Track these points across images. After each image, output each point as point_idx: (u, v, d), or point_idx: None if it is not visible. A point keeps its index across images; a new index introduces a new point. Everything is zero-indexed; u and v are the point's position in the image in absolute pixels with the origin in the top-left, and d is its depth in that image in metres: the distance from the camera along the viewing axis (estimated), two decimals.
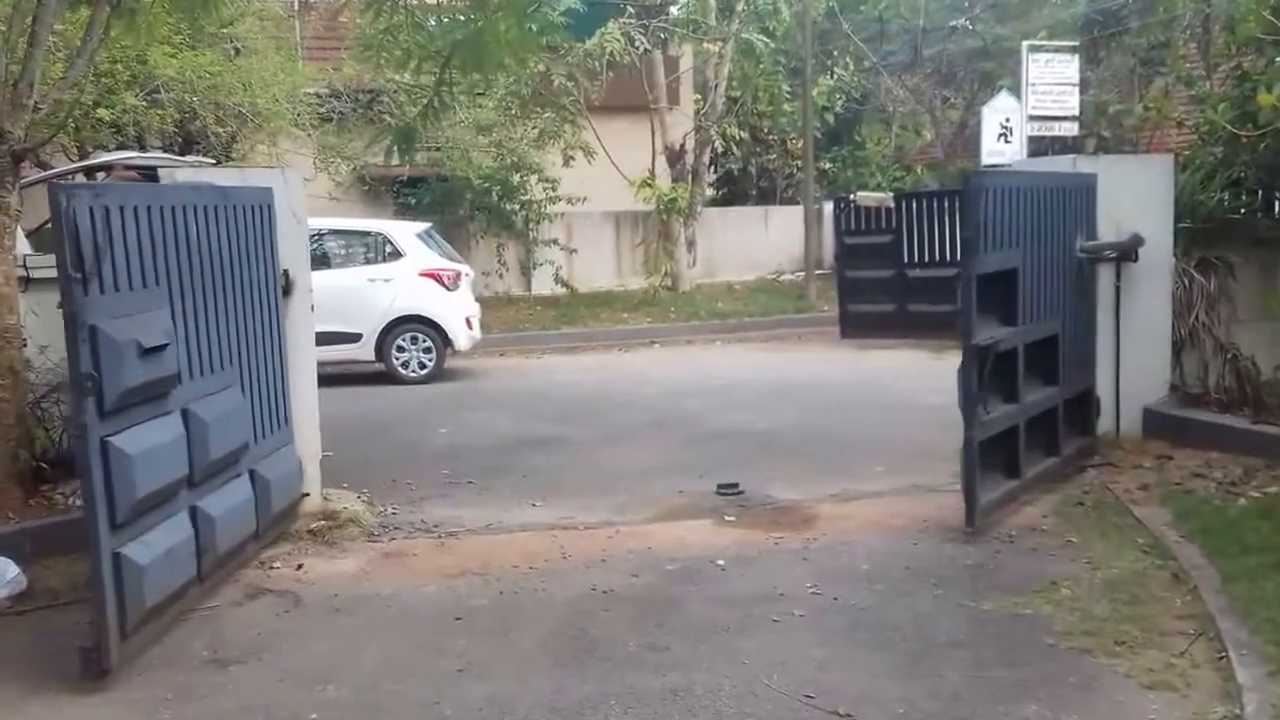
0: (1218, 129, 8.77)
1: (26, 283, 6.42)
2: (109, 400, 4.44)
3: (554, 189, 18.23)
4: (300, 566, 5.78)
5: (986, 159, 16.95)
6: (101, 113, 12.53)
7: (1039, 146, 17.06)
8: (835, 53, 22.86)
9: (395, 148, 6.10)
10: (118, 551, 4.45)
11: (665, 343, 15.46)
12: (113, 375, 4.45)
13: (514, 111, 17.92)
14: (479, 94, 17.24)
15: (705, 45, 19.30)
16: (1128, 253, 7.66)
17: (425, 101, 5.94)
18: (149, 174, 6.63)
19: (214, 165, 8.48)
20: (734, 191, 24.49)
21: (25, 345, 6.20)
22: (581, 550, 5.95)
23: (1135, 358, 7.77)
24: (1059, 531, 6.07)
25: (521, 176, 18.29)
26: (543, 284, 18.76)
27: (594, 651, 4.57)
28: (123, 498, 4.47)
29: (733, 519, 6.60)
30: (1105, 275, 7.71)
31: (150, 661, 4.60)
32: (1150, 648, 4.45)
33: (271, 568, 5.78)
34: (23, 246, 7.70)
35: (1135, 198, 7.67)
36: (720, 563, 5.69)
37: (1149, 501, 6.52)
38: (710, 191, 21.43)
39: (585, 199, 18.17)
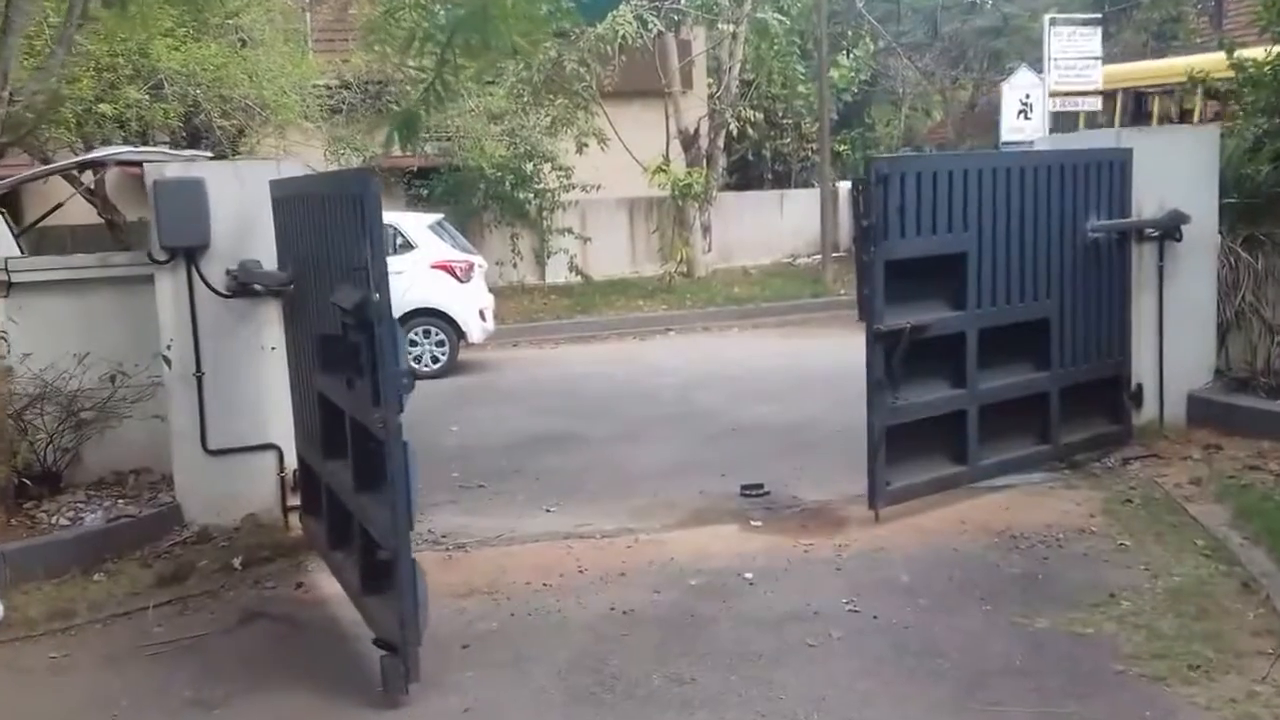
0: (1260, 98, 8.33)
1: (8, 288, 6.07)
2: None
3: (567, 177, 17.84)
4: (300, 585, 5.41)
5: (1006, 136, 16.46)
6: (103, 107, 12.18)
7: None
8: (850, 33, 22.45)
9: (397, 135, 5.72)
10: (413, 557, 4.19)
11: (681, 330, 15.07)
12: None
13: (525, 99, 17.52)
14: (490, 82, 16.90)
15: (719, 27, 18.84)
16: (1170, 231, 7.25)
17: (426, 85, 5.56)
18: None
19: (211, 159, 8.10)
20: (748, 175, 24.09)
21: (7, 354, 5.85)
22: (598, 563, 5.56)
23: (1179, 341, 7.39)
24: (1110, 534, 5.65)
25: (535, 165, 17.90)
26: (557, 273, 18.38)
27: (614, 687, 4.17)
28: (414, 500, 4.26)
29: (759, 524, 6.20)
30: (1148, 255, 7.31)
31: (116, 702, 4.23)
32: (1228, 672, 4.04)
33: (267, 587, 5.42)
34: (8, 247, 7.37)
35: (1178, 172, 7.29)
36: (748, 575, 5.29)
37: (1203, 498, 6.10)
38: (725, 176, 20.99)
39: (599, 186, 17.78)
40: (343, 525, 5.09)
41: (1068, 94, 16.52)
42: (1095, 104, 16.95)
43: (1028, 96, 16.56)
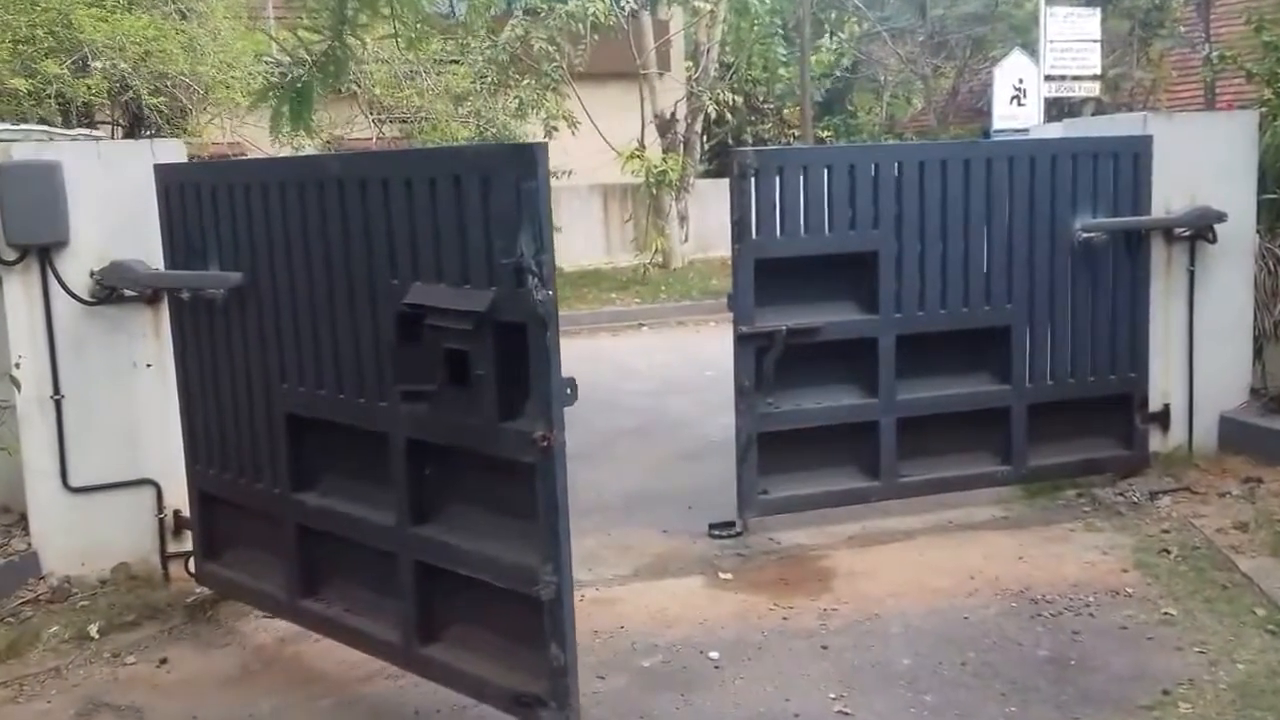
0: None
1: None
2: None
3: None
4: (164, 662, 4.41)
5: (998, 124, 15.62)
6: (17, 83, 11.06)
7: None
8: (834, 13, 21.57)
9: (287, 114, 4.72)
10: None
11: (655, 325, 14.11)
12: None
13: (491, 79, 16.50)
14: (453, 61, 15.92)
15: (696, 4, 17.86)
16: (1203, 230, 6.36)
17: (323, 49, 4.58)
18: None
19: (91, 140, 7.02)
20: (728, 162, 23.17)
21: None
22: None
23: (1211, 356, 6.52)
24: (1149, 597, 4.72)
25: None
26: None
27: None
28: None
29: (728, 575, 5.25)
30: (1177, 259, 6.41)
31: None
32: None
33: (125, 663, 4.41)
34: None
35: (1211, 163, 6.38)
36: (713, 655, 4.32)
37: (1255, 549, 5.17)
38: (703, 162, 20.03)
39: (570, 172, 16.75)
40: (336, 569, 4.25)
41: (1063, 78, 15.66)
42: (1094, 88, 16.11)
43: (1021, 81, 15.71)
